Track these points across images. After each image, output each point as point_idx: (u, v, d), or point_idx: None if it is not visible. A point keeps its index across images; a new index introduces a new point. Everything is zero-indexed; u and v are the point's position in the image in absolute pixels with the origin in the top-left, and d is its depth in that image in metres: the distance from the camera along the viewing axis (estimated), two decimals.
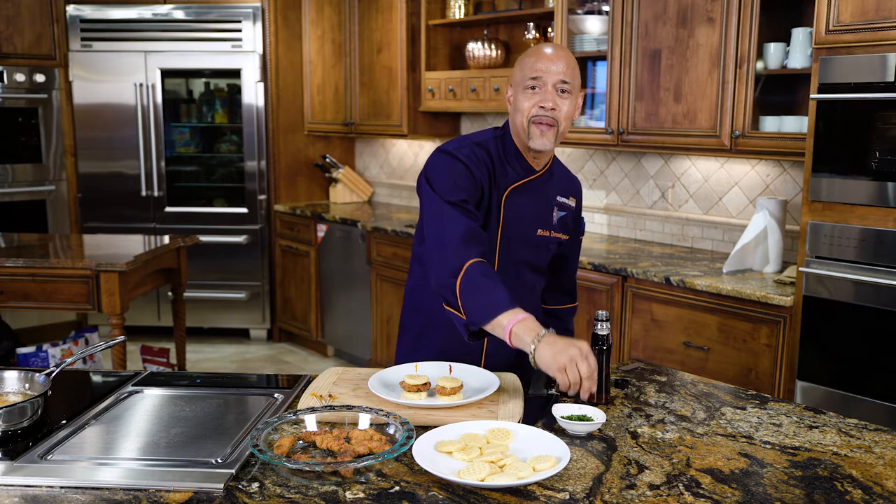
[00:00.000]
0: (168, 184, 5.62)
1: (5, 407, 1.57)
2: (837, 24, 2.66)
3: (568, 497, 1.35)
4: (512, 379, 1.90)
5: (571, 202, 2.11)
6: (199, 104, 5.84)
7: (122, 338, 2.31)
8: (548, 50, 1.92)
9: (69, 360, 1.84)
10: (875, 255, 2.63)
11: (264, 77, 5.51)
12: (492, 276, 1.78)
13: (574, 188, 2.15)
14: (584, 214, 4.36)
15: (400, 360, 2.13)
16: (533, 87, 1.90)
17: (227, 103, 5.75)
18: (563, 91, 1.89)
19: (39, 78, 5.39)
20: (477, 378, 1.84)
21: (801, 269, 2.82)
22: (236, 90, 5.60)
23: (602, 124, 3.83)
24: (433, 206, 1.88)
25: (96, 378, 2.09)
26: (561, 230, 2.08)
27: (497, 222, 1.98)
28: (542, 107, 1.89)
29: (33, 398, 1.63)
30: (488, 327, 1.75)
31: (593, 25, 3.86)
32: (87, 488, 1.38)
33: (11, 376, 1.78)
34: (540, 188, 2.03)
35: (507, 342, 1.72)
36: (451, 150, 1.95)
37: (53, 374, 1.77)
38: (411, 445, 1.46)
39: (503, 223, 1.98)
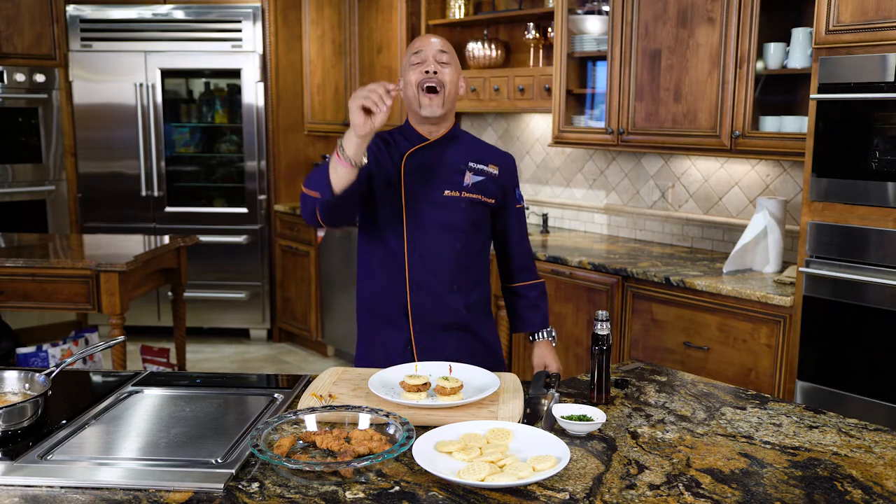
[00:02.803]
0: (168, 184, 5.62)
1: (5, 407, 1.57)
2: (837, 24, 2.66)
3: (568, 497, 1.35)
4: (512, 379, 1.90)
5: (492, 169, 2.21)
6: (199, 104, 5.84)
7: (122, 338, 2.31)
8: (422, 36, 2.19)
9: (69, 360, 1.84)
10: (875, 255, 2.63)
11: (264, 77, 5.51)
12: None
13: (500, 160, 2.26)
14: (583, 214, 4.41)
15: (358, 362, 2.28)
16: (416, 63, 2.10)
17: (227, 103, 5.75)
18: (442, 63, 2.10)
19: (39, 78, 5.39)
20: (477, 378, 1.84)
21: (801, 269, 2.82)
22: (236, 90, 5.60)
23: (602, 124, 3.83)
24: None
25: (96, 378, 2.09)
26: (478, 192, 2.18)
27: (399, 184, 2.14)
28: (426, 72, 2.08)
29: (33, 398, 1.63)
30: (332, 177, 1.89)
31: (593, 25, 3.86)
32: (87, 488, 1.38)
33: (11, 376, 1.78)
34: (441, 153, 2.17)
35: (343, 162, 1.86)
36: None
37: (53, 374, 1.77)
38: (411, 445, 1.45)
39: (404, 184, 2.13)
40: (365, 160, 1.89)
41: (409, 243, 2.12)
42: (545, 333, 2.34)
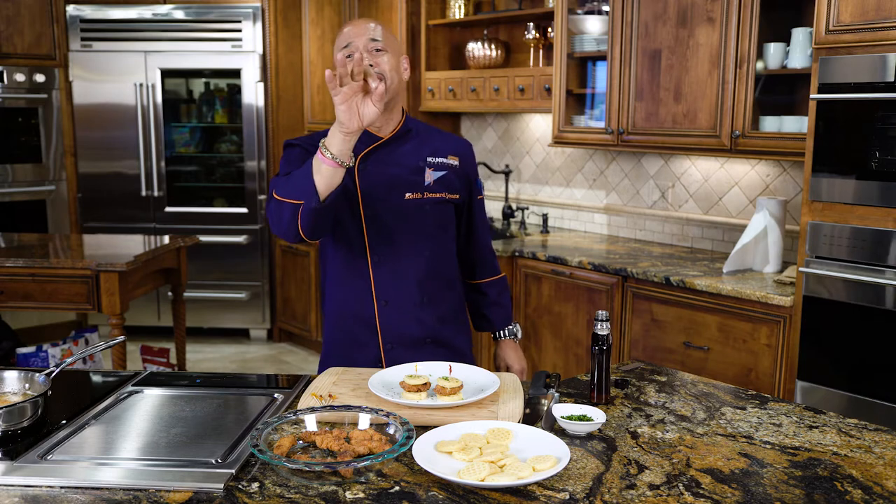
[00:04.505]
0: (168, 184, 5.62)
1: (5, 407, 1.57)
2: (837, 24, 2.66)
3: (568, 497, 1.35)
4: (512, 379, 1.90)
5: (452, 161, 2.05)
6: (199, 104, 5.84)
7: (122, 338, 2.31)
8: (354, 20, 1.98)
9: (69, 360, 1.84)
10: (875, 255, 2.63)
11: (264, 77, 5.51)
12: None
13: (458, 149, 2.09)
14: (583, 214, 4.41)
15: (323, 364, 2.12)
16: (348, 56, 1.91)
17: (227, 103, 5.75)
18: (377, 50, 1.92)
19: (39, 78, 5.39)
20: (477, 378, 1.84)
21: (801, 269, 2.82)
22: (236, 90, 5.60)
23: (602, 124, 3.83)
24: (272, 184, 1.92)
25: (96, 378, 2.09)
26: (443, 189, 2.02)
27: (355, 195, 1.97)
28: None
29: (33, 398, 1.63)
30: (317, 181, 1.70)
31: (593, 25, 3.86)
32: (87, 488, 1.38)
33: (11, 376, 1.78)
34: (395, 152, 2.00)
35: (329, 161, 1.68)
36: (290, 140, 2.04)
37: (53, 374, 1.77)
38: (411, 445, 1.45)
39: (360, 193, 1.97)
40: (352, 161, 1.72)
41: (372, 256, 1.99)
42: (508, 332, 2.26)
